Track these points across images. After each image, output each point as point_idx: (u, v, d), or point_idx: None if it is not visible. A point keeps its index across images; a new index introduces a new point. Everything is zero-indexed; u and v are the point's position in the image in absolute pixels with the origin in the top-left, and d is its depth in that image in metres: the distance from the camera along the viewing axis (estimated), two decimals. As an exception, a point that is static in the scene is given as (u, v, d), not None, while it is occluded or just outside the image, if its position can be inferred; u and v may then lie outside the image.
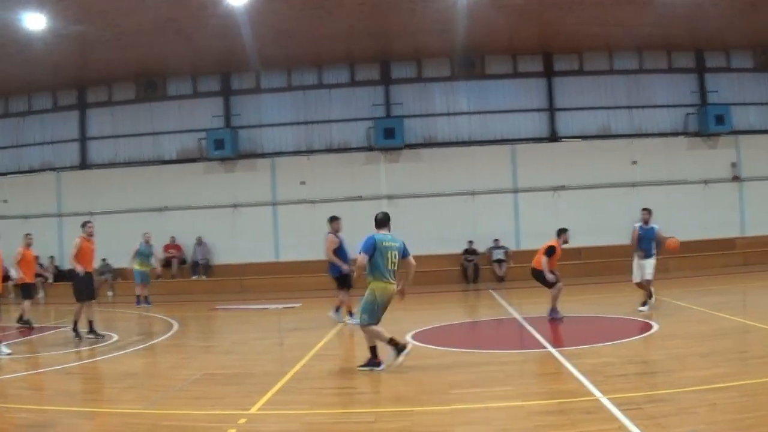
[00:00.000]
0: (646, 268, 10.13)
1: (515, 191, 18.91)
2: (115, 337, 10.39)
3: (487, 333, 10.18)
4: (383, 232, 6.88)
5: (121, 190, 20.27)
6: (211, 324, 13.81)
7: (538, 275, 9.79)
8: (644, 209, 10.45)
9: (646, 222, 10.34)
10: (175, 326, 11.82)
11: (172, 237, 19.43)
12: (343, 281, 10.45)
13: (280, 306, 14.31)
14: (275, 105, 20.26)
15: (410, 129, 19.15)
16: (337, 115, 19.84)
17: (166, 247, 19.75)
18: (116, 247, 17.74)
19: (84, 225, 10.66)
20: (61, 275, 20.07)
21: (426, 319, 11.20)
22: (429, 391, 6.16)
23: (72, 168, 21.37)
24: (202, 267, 19.15)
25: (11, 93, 21.77)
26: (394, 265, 6.70)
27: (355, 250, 7.53)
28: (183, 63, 19.44)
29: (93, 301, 10.46)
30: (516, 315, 11.26)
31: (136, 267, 15.12)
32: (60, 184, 21.36)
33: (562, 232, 9.88)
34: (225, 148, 19.35)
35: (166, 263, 19.41)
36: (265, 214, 19.47)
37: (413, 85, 19.55)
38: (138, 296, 15.44)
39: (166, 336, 10.99)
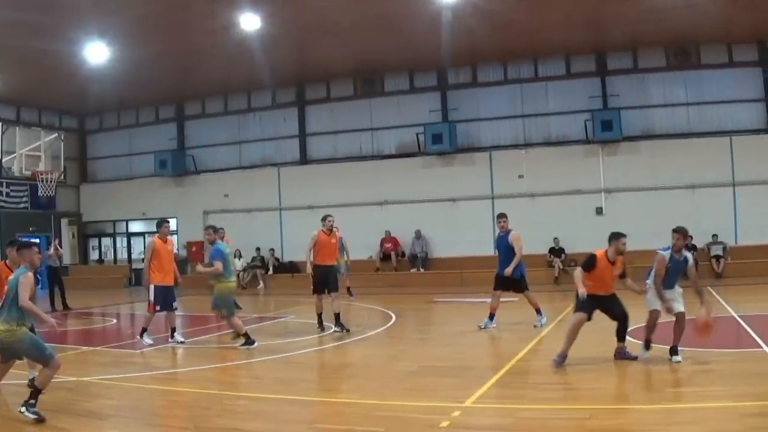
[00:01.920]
0: None
1: (733, 185, 25.28)
2: (334, 328, 13.87)
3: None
4: None
5: (341, 184, 29.36)
6: (428, 316, 17.54)
7: None
8: None
9: None
10: (393, 318, 15.54)
11: (387, 231, 27.07)
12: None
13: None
14: (492, 98, 28.42)
15: (627, 121, 26.35)
16: (553, 107, 27.65)
17: (383, 241, 27.07)
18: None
19: (324, 219, 14.39)
20: (281, 267, 29.57)
21: (641, 315, 13.60)
22: (644, 388, 8.10)
23: (292, 163, 31.08)
24: (421, 260, 26.32)
25: (231, 91, 32.03)
26: None
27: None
28: (399, 58, 28.01)
29: (334, 293, 14.10)
30: (733, 313, 13.77)
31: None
32: (280, 178, 30.85)
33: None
34: (443, 142, 27.72)
35: (384, 256, 27.58)
36: (484, 207, 27.41)
37: (629, 76, 26.89)
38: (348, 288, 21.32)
39: (384, 327, 14.56)
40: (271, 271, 29.71)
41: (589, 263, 10.02)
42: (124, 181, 34.78)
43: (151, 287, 13.32)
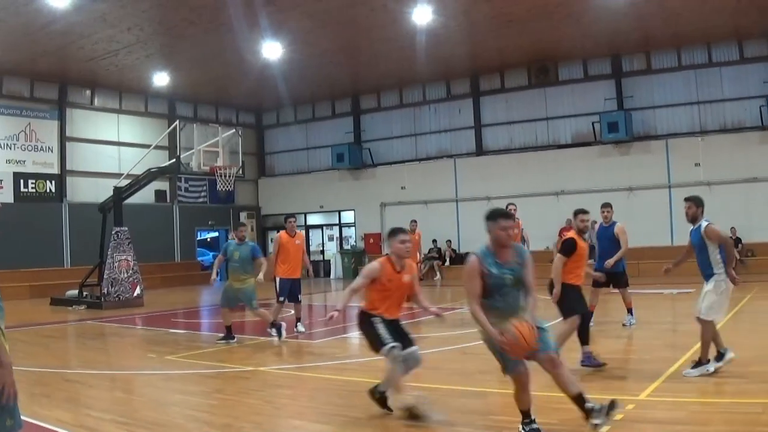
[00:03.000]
0: None
1: None
2: None
3: None
4: None
5: (516, 174, 35.89)
6: (603, 307, 18.06)
7: None
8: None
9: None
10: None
11: (568, 219, 31.32)
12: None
13: (675, 291, 22.22)
14: (666, 85, 34.06)
15: None
16: (728, 93, 32.78)
17: (562, 231, 31.78)
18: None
19: (506, 207, 17.04)
20: (457, 258, 36.07)
21: None
22: None
23: (468, 154, 38.08)
24: (591, 249, 30.72)
25: (406, 84, 39.39)
26: None
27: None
28: (573, 47, 33.58)
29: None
30: None
31: None
32: (456, 170, 37.57)
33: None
34: (619, 130, 33.62)
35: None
36: (660, 197, 32.96)
37: None
38: None
39: (559, 319, 14.49)
40: (447, 263, 36.69)
41: (570, 247, 11.13)
42: (301, 174, 43.33)
43: (277, 279, 16.30)
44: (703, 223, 10.28)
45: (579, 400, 7.24)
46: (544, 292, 10.44)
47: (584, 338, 11.05)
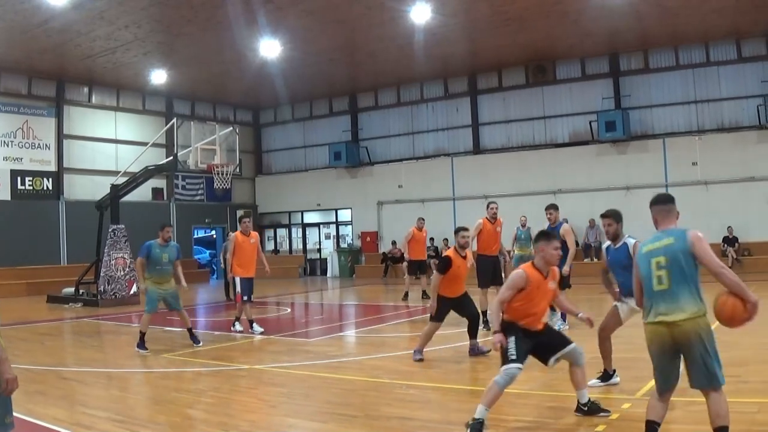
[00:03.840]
0: None
1: None
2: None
3: None
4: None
5: (514, 173, 36.10)
6: (601, 306, 17.54)
7: None
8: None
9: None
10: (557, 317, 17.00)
11: (564, 219, 31.23)
12: None
13: None
14: (664, 84, 34.13)
15: None
16: (725, 92, 32.91)
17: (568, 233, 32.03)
18: (510, 229, 30.33)
19: (487, 206, 17.27)
20: None
21: None
22: None
23: (465, 153, 38.20)
24: (594, 249, 30.98)
25: (403, 82, 39.52)
26: None
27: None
28: (571, 46, 33.90)
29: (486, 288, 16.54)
30: None
31: (516, 252, 20.01)
32: (454, 168, 37.67)
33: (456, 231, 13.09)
34: (616, 129, 33.69)
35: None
36: None
37: None
38: None
39: (556, 317, 15.75)
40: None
41: (445, 265, 12.03)
42: (298, 172, 43.48)
43: (237, 279, 16.64)
44: (630, 241, 9.74)
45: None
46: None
47: (473, 334, 12.50)
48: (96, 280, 26.28)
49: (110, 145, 37.01)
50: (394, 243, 36.90)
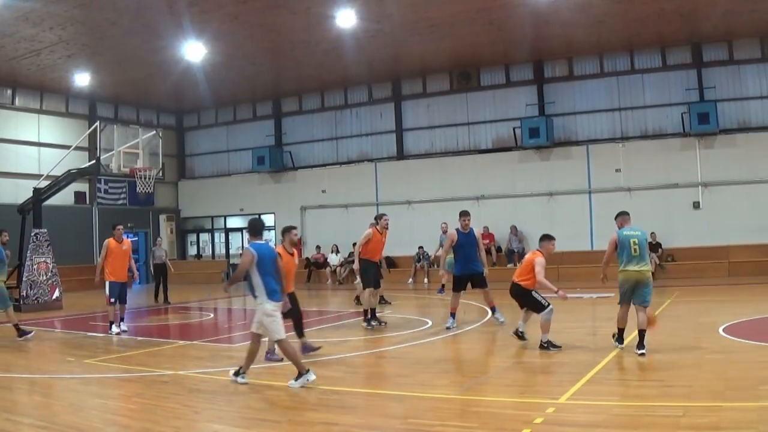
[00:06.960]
0: None
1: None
2: (429, 323, 16.93)
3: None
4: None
5: (437, 179, 35.83)
6: (595, 312, 19.02)
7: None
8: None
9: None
10: (489, 313, 17.74)
11: (485, 227, 31.99)
12: None
13: (594, 295, 22.14)
14: (588, 91, 34.24)
15: (724, 113, 31.43)
16: (650, 100, 33.13)
17: (481, 237, 32.21)
18: (434, 234, 30.55)
19: (380, 218, 17.91)
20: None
21: (739, 311, 16.08)
22: (738, 387, 9.19)
23: (389, 158, 37.88)
24: (518, 255, 31.40)
25: (327, 87, 39.11)
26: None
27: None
28: (495, 52, 33.86)
29: (378, 289, 17.74)
30: None
31: (448, 256, 20.26)
32: (377, 173, 37.52)
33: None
34: (540, 136, 33.60)
35: (485, 251, 31.88)
36: (581, 202, 33.24)
37: (725, 67, 31.97)
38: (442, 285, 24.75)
39: (479, 323, 16.97)
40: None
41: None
42: (221, 177, 42.68)
43: (107, 283, 17.41)
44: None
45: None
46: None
47: (299, 332, 13.34)
48: (18, 285, 25.46)
49: (33, 148, 36.00)
50: (318, 248, 36.71)
